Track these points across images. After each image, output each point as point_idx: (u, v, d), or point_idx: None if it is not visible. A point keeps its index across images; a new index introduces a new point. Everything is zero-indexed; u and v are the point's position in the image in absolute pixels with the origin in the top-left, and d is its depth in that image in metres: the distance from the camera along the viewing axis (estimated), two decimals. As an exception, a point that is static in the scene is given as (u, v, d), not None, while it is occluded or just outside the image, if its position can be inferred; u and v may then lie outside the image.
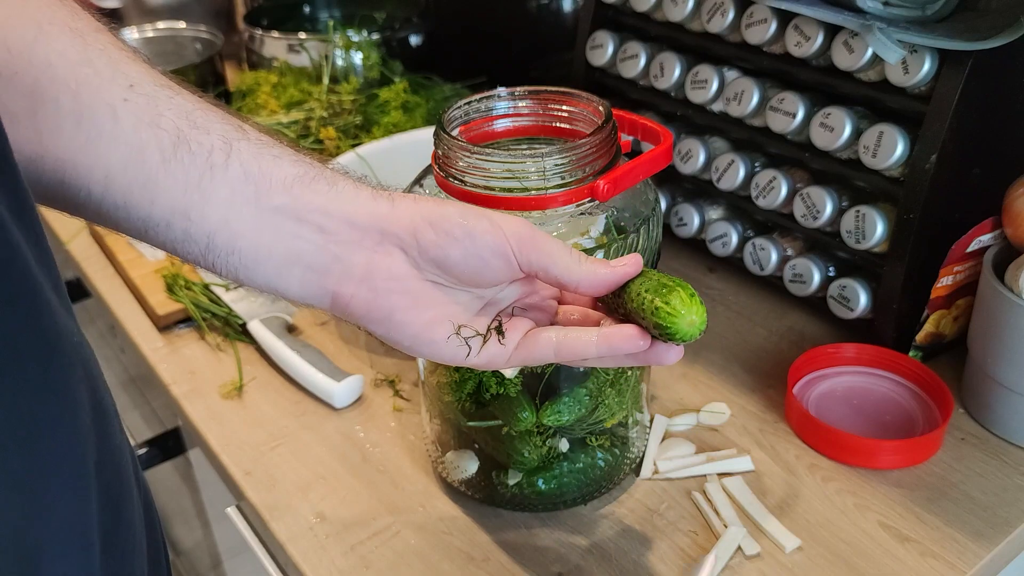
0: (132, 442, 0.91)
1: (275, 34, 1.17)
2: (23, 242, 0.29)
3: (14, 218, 0.29)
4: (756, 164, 0.82)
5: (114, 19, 1.41)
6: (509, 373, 0.59)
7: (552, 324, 0.50)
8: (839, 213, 0.75)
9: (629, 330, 0.46)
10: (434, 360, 0.49)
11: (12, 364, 0.29)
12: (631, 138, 0.62)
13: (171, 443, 0.94)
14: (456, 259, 0.46)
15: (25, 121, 0.40)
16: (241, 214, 0.44)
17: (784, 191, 0.78)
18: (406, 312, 0.46)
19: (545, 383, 0.59)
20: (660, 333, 0.45)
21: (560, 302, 0.52)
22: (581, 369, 0.60)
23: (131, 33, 1.30)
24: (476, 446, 0.64)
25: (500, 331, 0.48)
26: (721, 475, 0.67)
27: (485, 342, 0.48)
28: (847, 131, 0.71)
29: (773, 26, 0.75)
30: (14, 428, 0.29)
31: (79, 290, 1.14)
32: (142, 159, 0.42)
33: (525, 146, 0.61)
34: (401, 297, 0.46)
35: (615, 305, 0.48)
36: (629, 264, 0.47)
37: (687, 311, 0.44)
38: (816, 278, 0.78)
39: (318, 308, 0.48)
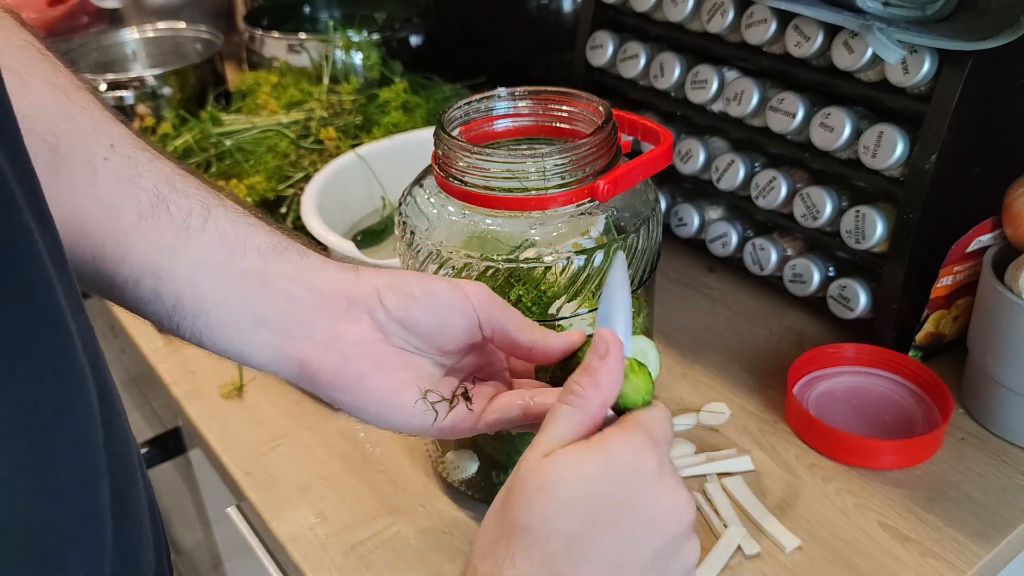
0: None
1: (275, 34, 1.18)
2: (35, 228, 0.29)
3: (26, 202, 0.29)
4: (756, 164, 0.82)
5: (114, 19, 1.41)
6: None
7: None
8: (839, 213, 0.75)
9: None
10: (400, 430, 0.49)
11: (21, 348, 0.28)
12: (631, 138, 0.62)
13: (171, 443, 0.94)
14: (419, 317, 0.47)
15: None
16: (212, 276, 0.45)
17: (784, 191, 0.78)
18: (373, 376, 0.47)
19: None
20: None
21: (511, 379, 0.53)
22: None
23: (131, 33, 1.30)
24: (476, 446, 0.64)
25: (467, 396, 0.49)
26: (721, 475, 0.67)
27: (452, 407, 0.49)
28: (847, 131, 0.71)
29: (773, 26, 0.75)
30: (23, 413, 0.29)
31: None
32: (117, 216, 0.42)
33: (525, 146, 0.61)
34: (368, 360, 0.47)
35: (560, 379, 0.48)
36: (576, 334, 0.48)
37: (628, 379, 0.44)
38: (816, 278, 0.78)
39: (284, 376, 0.48)
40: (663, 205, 0.90)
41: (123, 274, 0.44)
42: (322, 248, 0.56)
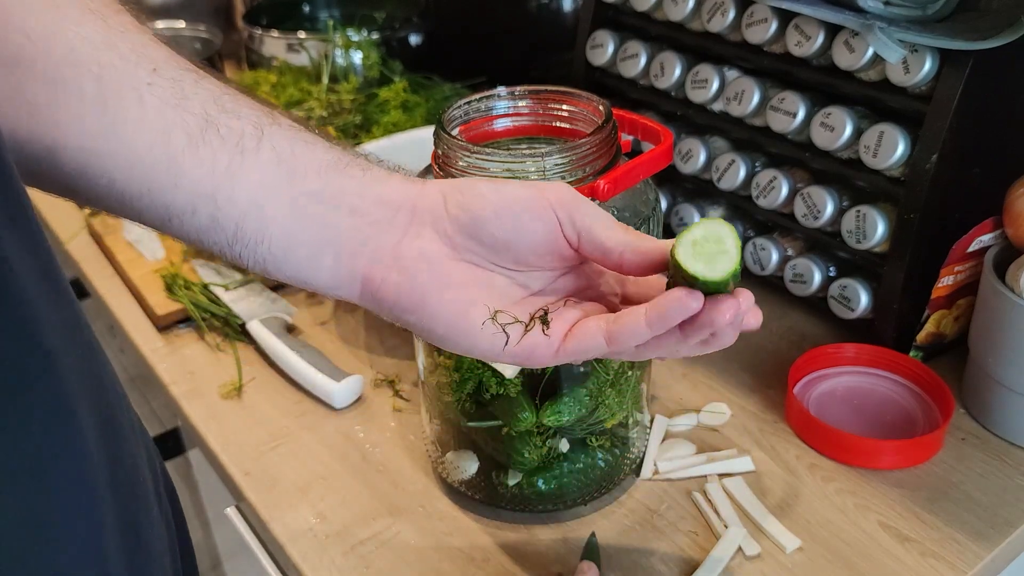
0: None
1: (274, 33, 1.17)
2: (14, 256, 0.28)
3: (6, 228, 0.28)
4: (756, 164, 0.81)
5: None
6: (509, 373, 0.58)
7: None
8: (840, 213, 0.75)
9: (675, 292, 0.40)
10: (471, 354, 0.45)
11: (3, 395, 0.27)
12: (631, 138, 0.62)
13: (170, 443, 0.94)
14: (488, 221, 0.43)
15: (45, 111, 0.38)
16: (273, 198, 0.42)
17: (785, 191, 0.77)
18: (440, 295, 0.43)
19: (545, 383, 0.59)
20: (688, 281, 0.40)
21: (623, 302, 0.46)
22: (581, 369, 0.60)
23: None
24: (476, 446, 0.64)
25: (545, 320, 0.43)
26: (721, 475, 0.66)
27: (528, 330, 0.43)
28: (848, 131, 0.71)
29: (774, 26, 0.75)
30: (14, 462, 0.28)
31: (78, 290, 1.14)
32: (167, 141, 0.40)
33: (525, 146, 0.61)
34: (434, 279, 0.43)
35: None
36: (669, 242, 0.42)
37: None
38: (816, 278, 0.78)
39: (346, 297, 0.45)
40: (663, 205, 0.90)
41: (179, 203, 0.41)
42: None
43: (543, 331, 0.43)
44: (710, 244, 0.40)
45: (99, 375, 0.34)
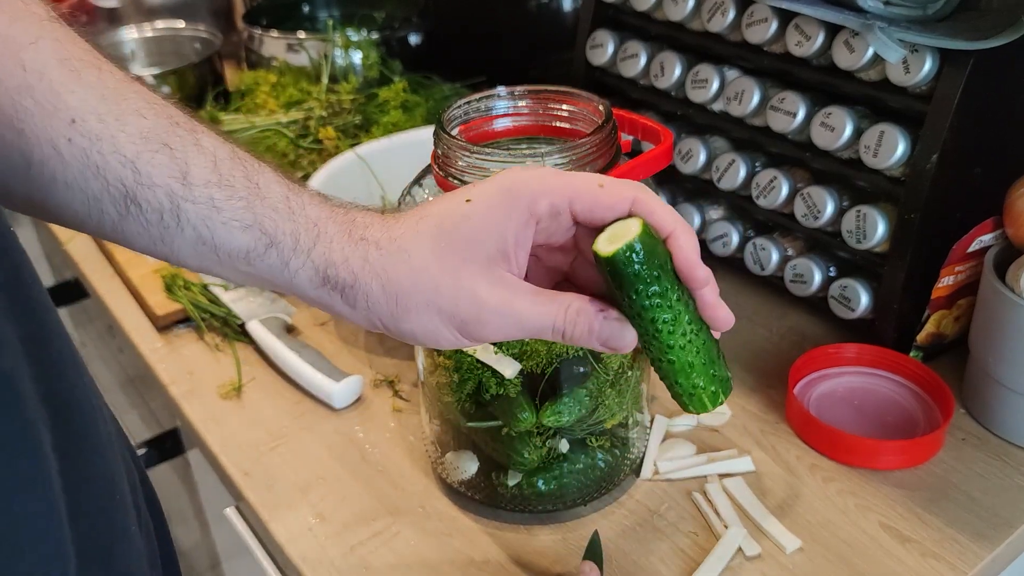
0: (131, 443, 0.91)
1: (274, 33, 1.17)
2: None
3: None
4: (757, 164, 0.81)
5: (113, 19, 1.40)
6: (509, 373, 0.58)
7: None
8: (840, 213, 0.75)
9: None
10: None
11: None
12: (631, 138, 0.62)
13: (170, 444, 0.93)
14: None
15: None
16: (210, 267, 0.43)
17: (785, 191, 0.77)
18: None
19: (545, 383, 0.59)
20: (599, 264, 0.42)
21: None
22: (581, 369, 0.60)
23: (130, 33, 1.30)
24: (476, 447, 0.64)
25: None
26: (722, 476, 0.66)
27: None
28: (848, 131, 0.71)
29: (774, 25, 0.74)
30: None
31: (78, 290, 1.14)
32: (101, 210, 0.40)
33: (525, 146, 0.61)
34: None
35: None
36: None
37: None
38: (817, 278, 0.78)
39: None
40: (663, 205, 0.90)
41: (145, 249, 0.43)
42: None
43: None
44: (619, 229, 0.42)
45: (68, 391, 0.33)
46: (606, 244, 0.41)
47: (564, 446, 0.62)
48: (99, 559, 0.34)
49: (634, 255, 0.41)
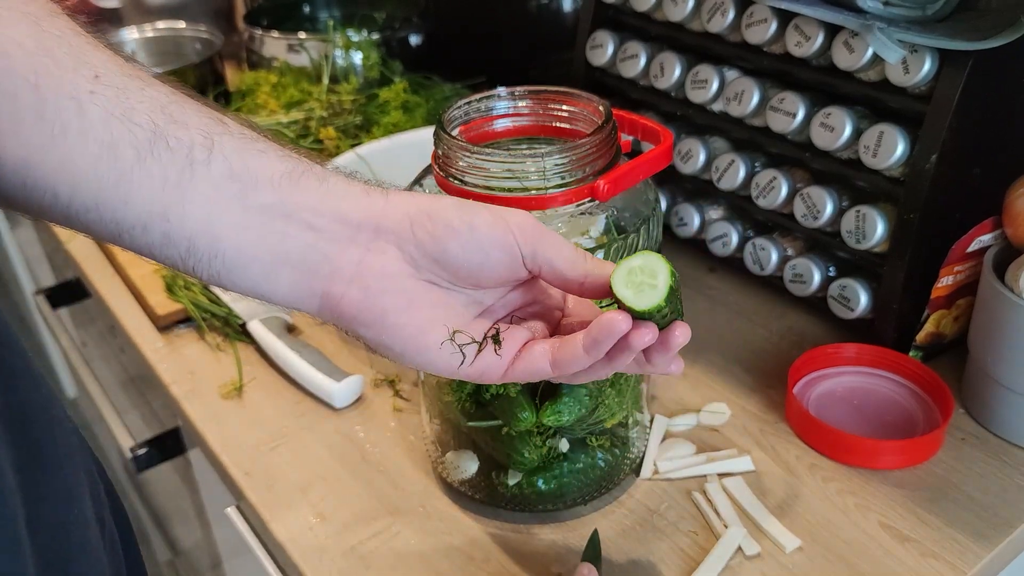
0: (130, 443, 0.91)
1: (275, 34, 1.17)
2: None
3: None
4: (756, 164, 0.82)
5: (113, 19, 1.41)
6: None
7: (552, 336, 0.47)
8: (839, 213, 0.75)
9: (605, 315, 0.42)
10: (425, 370, 0.46)
11: None
12: (631, 138, 0.62)
13: (171, 443, 0.93)
14: (455, 253, 0.43)
15: None
16: (225, 214, 0.41)
17: (784, 191, 0.78)
18: (399, 314, 0.44)
19: (545, 383, 0.59)
20: (622, 306, 0.42)
21: (563, 319, 0.49)
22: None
23: (130, 33, 1.30)
24: (476, 446, 0.64)
25: (497, 339, 0.45)
26: (721, 475, 0.66)
27: (480, 350, 0.45)
28: (847, 131, 0.71)
29: (773, 26, 0.75)
30: None
31: (79, 290, 1.14)
32: (114, 156, 0.38)
33: (525, 146, 0.61)
34: (394, 297, 0.44)
35: None
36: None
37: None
38: (816, 278, 0.78)
39: (305, 311, 0.45)
40: (663, 205, 0.90)
41: (129, 219, 0.40)
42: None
43: (495, 351, 0.45)
44: (644, 275, 0.42)
45: (20, 405, 0.33)
46: (634, 293, 0.42)
47: (564, 445, 0.62)
48: (58, 572, 0.34)
49: (666, 303, 0.42)
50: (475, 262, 0.44)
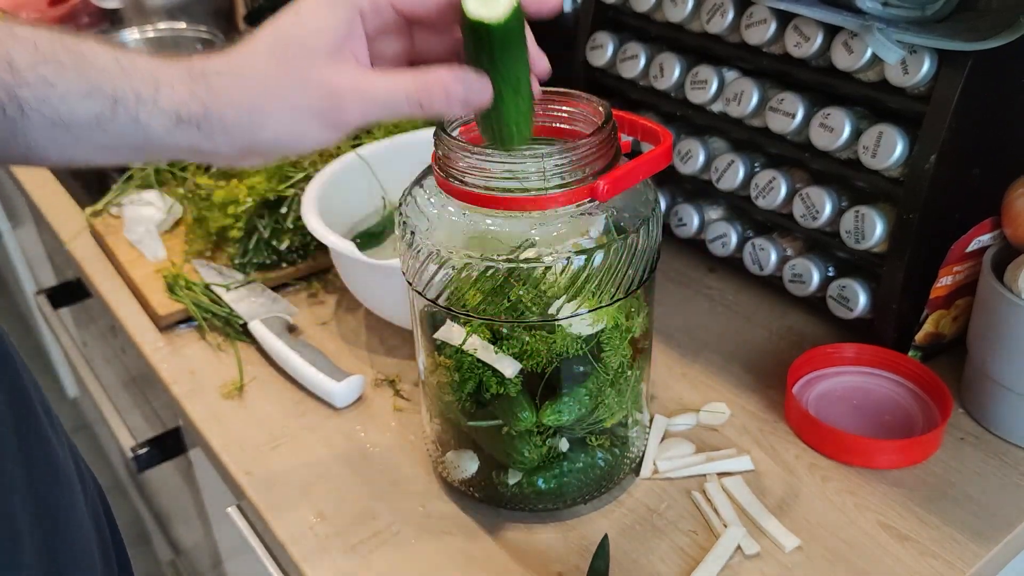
0: (132, 443, 0.91)
1: (275, 34, 1.17)
2: None
3: None
4: (756, 164, 0.82)
5: (115, 19, 1.41)
6: (509, 372, 0.59)
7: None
8: (838, 213, 0.75)
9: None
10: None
11: None
12: (631, 138, 0.63)
13: (172, 443, 0.94)
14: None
15: None
16: (71, 151, 0.44)
17: (784, 191, 0.78)
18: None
19: (545, 383, 0.60)
20: (465, 24, 0.46)
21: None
22: (581, 369, 0.60)
23: (131, 33, 1.30)
24: (476, 446, 0.64)
25: None
26: (721, 475, 0.67)
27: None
28: (847, 131, 0.71)
29: (773, 27, 0.75)
30: None
31: (80, 290, 1.14)
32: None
33: (525, 146, 0.61)
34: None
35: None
36: None
37: None
38: (815, 278, 0.78)
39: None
40: (663, 205, 0.90)
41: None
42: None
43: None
44: None
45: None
46: (481, 7, 0.45)
47: (564, 445, 0.62)
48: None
49: (515, 20, 0.46)
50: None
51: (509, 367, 0.58)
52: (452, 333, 0.60)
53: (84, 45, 0.44)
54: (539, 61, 0.51)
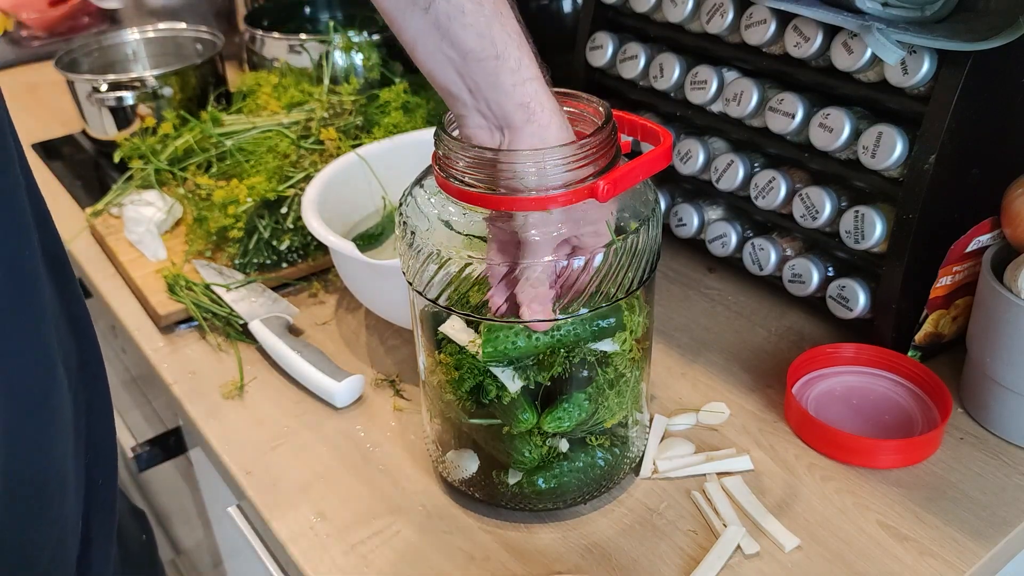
0: (132, 443, 0.91)
1: (276, 35, 1.18)
2: None
3: None
4: (755, 164, 0.82)
5: (115, 20, 1.41)
6: (513, 389, 0.59)
7: None
8: (838, 213, 0.75)
9: None
10: None
11: None
12: (631, 138, 0.63)
13: (172, 442, 0.94)
14: None
15: None
16: (432, 49, 0.61)
17: (783, 191, 0.78)
18: None
19: (545, 388, 0.60)
20: None
21: None
22: (584, 374, 0.60)
23: (132, 34, 1.30)
24: (476, 446, 0.64)
25: None
26: (720, 474, 0.67)
27: None
28: (846, 131, 0.72)
29: (772, 27, 0.75)
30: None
31: (81, 290, 1.14)
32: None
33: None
34: None
35: None
36: None
37: None
38: (815, 278, 0.78)
39: None
40: (663, 205, 0.90)
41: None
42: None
43: None
44: None
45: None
46: None
47: (564, 445, 0.62)
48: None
49: None
50: None
51: (513, 384, 0.59)
52: (456, 328, 0.60)
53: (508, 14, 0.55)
54: None
